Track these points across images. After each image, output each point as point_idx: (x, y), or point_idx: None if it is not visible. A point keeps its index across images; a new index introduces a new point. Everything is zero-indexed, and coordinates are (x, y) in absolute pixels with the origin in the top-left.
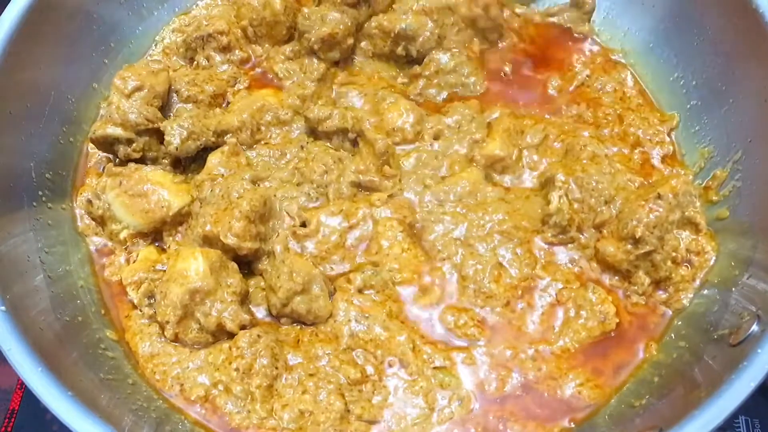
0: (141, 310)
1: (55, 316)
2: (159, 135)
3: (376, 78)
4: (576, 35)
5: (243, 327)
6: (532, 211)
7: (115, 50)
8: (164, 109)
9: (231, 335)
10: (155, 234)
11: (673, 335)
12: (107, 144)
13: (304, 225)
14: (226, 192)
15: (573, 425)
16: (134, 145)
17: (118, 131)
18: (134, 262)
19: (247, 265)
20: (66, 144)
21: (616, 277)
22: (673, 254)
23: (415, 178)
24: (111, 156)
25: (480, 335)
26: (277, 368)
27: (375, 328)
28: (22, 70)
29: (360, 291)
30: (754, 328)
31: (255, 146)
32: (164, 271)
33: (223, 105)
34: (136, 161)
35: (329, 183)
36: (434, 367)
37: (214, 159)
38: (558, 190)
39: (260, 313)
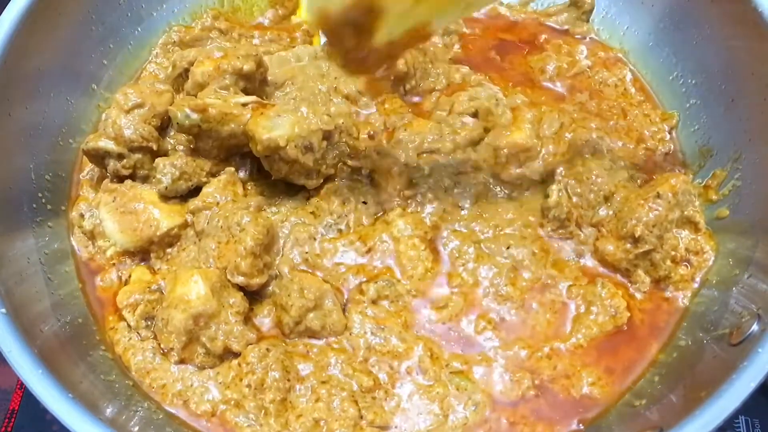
0: (139, 333)
1: (56, 317)
2: (152, 153)
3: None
4: (575, 35)
5: (249, 343)
6: (535, 204)
7: (114, 51)
8: (164, 130)
9: (238, 354)
10: (142, 254)
11: (674, 334)
12: (98, 157)
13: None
14: (226, 223)
15: (581, 427)
16: (124, 161)
17: (110, 145)
18: (127, 282)
19: (252, 292)
20: (65, 145)
21: (617, 275)
22: (673, 253)
23: (433, 182)
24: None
25: (497, 337)
26: (289, 380)
27: (392, 339)
28: (21, 71)
29: (374, 302)
30: (754, 327)
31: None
32: (159, 291)
33: None
34: (126, 178)
35: (349, 213)
36: (451, 372)
37: (209, 188)
38: (557, 183)
39: (265, 325)
